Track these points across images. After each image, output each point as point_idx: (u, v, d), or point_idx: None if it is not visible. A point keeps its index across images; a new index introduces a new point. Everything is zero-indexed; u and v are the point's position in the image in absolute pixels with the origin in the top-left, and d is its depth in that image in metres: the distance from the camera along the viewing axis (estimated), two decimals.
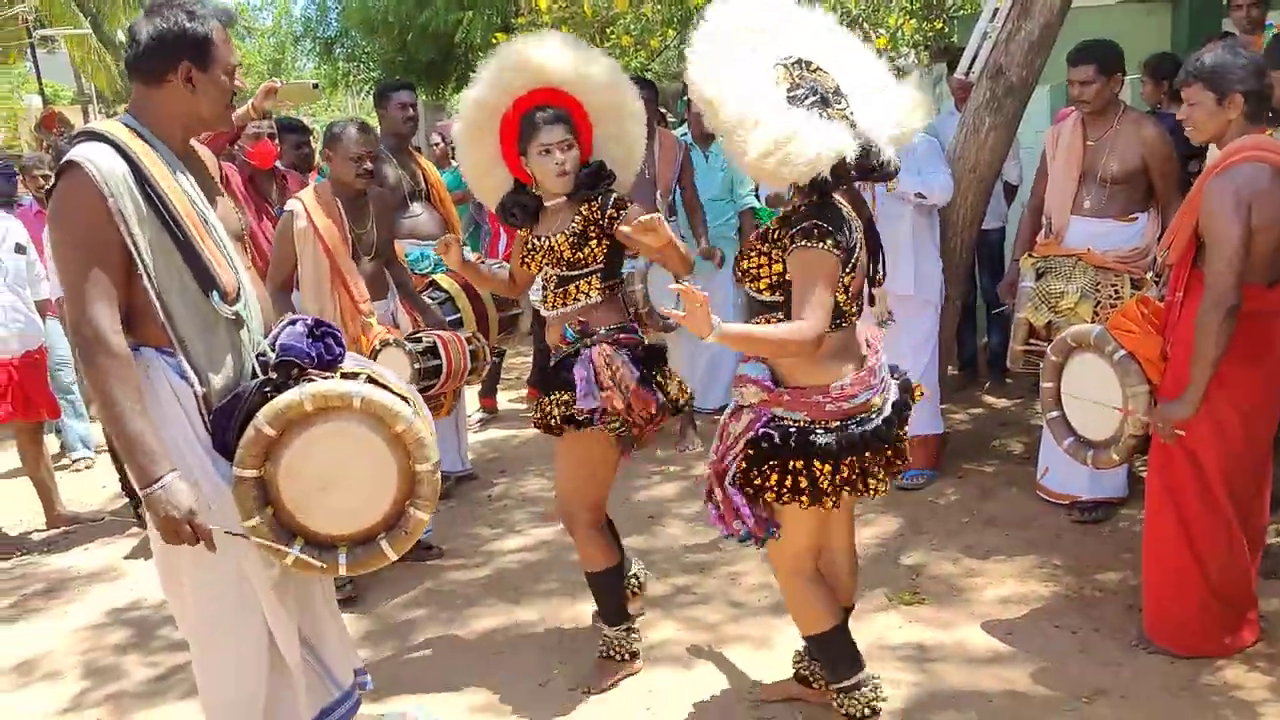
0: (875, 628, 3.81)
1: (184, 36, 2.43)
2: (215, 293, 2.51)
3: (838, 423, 2.78)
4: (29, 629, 4.42)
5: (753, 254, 2.85)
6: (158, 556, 2.63)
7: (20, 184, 6.68)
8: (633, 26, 8.63)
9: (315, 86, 4.64)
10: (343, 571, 2.52)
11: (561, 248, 3.35)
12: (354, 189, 4.39)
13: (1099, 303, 4.26)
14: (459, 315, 4.64)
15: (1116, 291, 4.24)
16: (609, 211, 3.31)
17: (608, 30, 9.14)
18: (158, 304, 2.42)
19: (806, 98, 2.64)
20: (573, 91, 3.37)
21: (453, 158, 9.88)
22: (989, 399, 6.45)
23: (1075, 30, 5.36)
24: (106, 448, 5.76)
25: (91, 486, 6.33)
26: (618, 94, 3.42)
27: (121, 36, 30.37)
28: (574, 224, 3.34)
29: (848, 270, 2.76)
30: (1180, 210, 3.37)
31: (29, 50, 24.83)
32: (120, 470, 5.58)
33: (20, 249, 5.38)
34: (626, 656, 3.61)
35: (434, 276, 4.68)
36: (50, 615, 4.56)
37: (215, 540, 2.43)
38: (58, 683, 3.95)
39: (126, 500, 5.66)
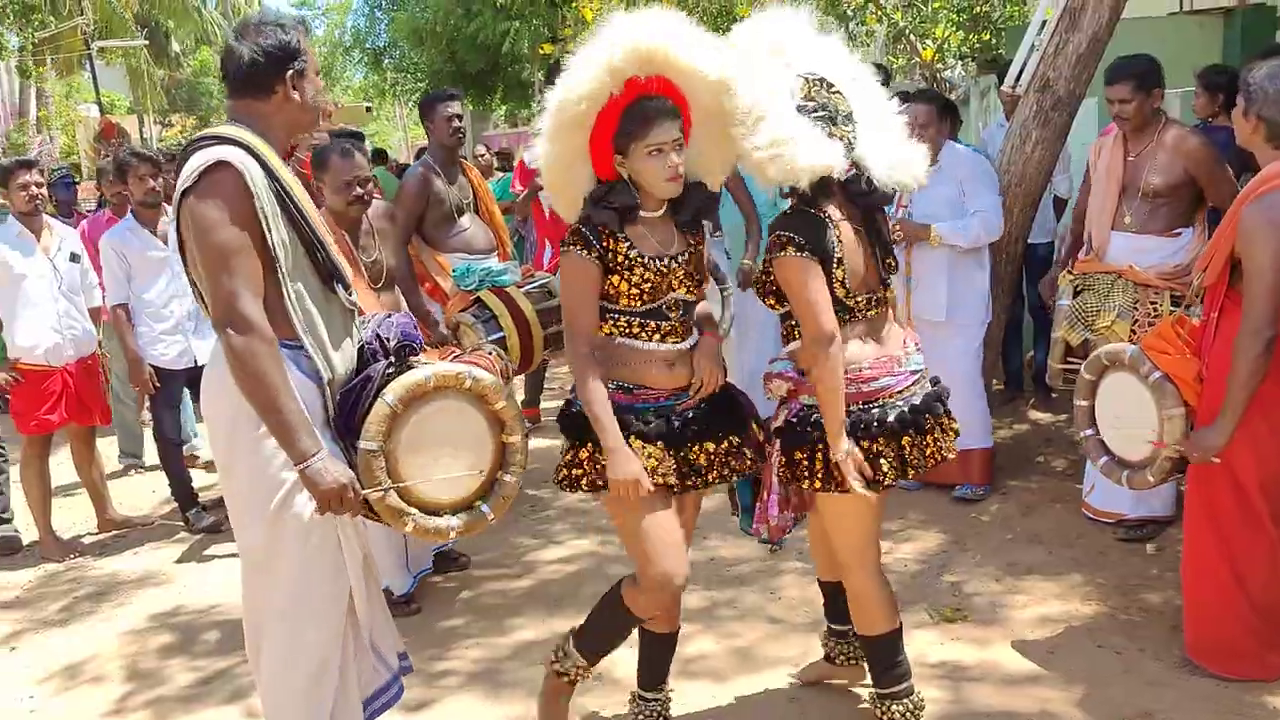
0: (915, 644, 3.77)
1: (284, 49, 2.64)
2: (340, 285, 2.74)
3: (858, 405, 2.86)
4: (78, 632, 4.49)
5: (761, 268, 2.99)
6: (252, 540, 2.70)
7: (96, 189, 6.79)
8: None
9: (368, 109, 4.71)
10: (453, 536, 2.75)
11: (693, 269, 2.97)
12: (349, 217, 4.30)
13: (1136, 321, 4.21)
14: (503, 334, 4.62)
15: (1155, 309, 4.18)
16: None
17: None
18: (291, 299, 2.60)
19: (816, 111, 2.76)
20: (684, 86, 2.83)
21: (497, 169, 9.95)
22: (1034, 414, 6.38)
23: (1124, 43, 5.30)
24: (158, 455, 5.85)
25: (142, 491, 6.44)
26: (728, 99, 2.80)
27: (176, 48, 30.96)
28: (690, 243, 2.99)
29: (838, 266, 2.84)
30: (1216, 233, 3.33)
31: (87, 61, 25.32)
32: (170, 476, 5.66)
33: (75, 257, 5.49)
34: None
35: (479, 294, 4.66)
36: (98, 618, 4.63)
37: (320, 519, 2.61)
38: (103, 685, 4.01)
39: (176, 506, 5.74)
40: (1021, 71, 5.40)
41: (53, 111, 27.02)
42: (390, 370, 2.72)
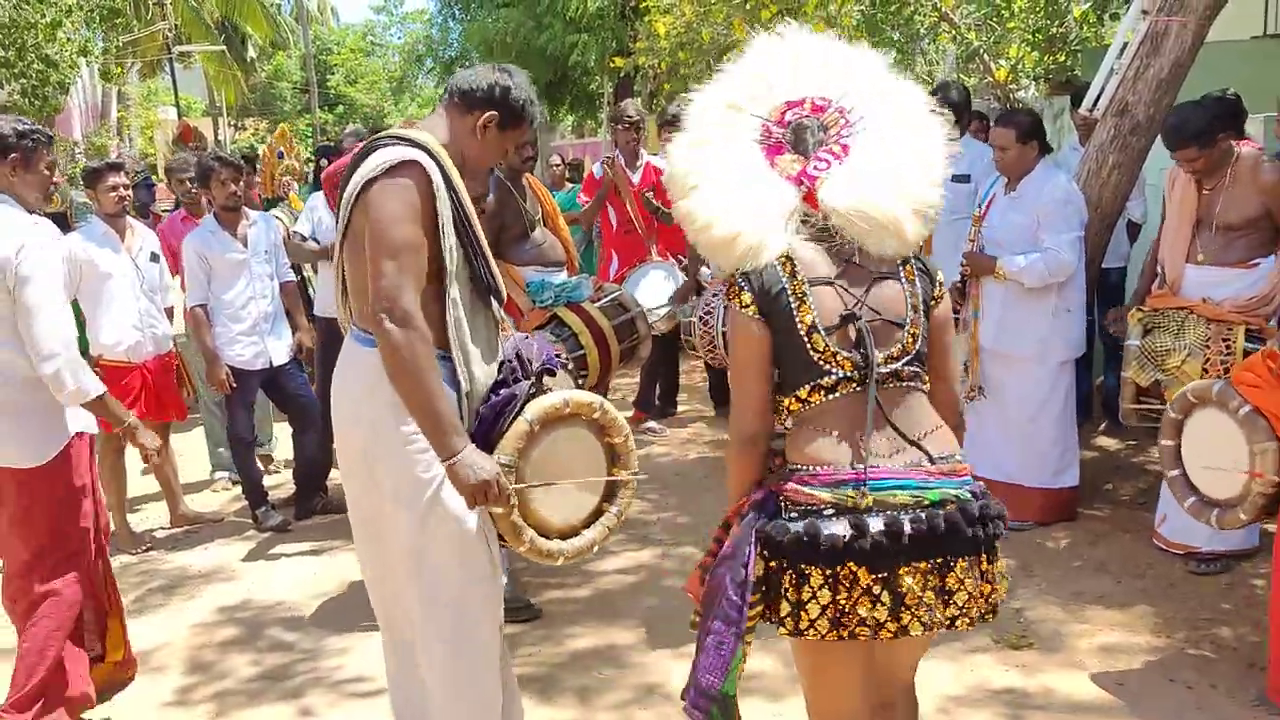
0: (979, 671, 3.74)
1: (508, 97, 2.80)
2: (494, 297, 2.85)
3: (799, 509, 2.22)
4: (149, 622, 4.58)
5: None
6: (403, 539, 2.77)
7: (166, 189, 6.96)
8: None
9: None
10: (561, 561, 2.82)
11: None
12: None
13: (1208, 360, 4.12)
14: (583, 351, 4.64)
15: (1228, 346, 4.09)
16: None
17: (725, 57, 9.18)
18: (450, 305, 2.69)
19: (778, 138, 2.41)
20: None
21: (569, 179, 10.02)
22: (1103, 441, 6.28)
23: (1206, 67, 5.22)
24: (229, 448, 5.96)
25: (221, 494, 6.54)
26: None
27: (253, 53, 31.56)
28: None
29: (794, 316, 2.27)
30: None
31: (167, 65, 25.92)
32: (242, 474, 5.78)
33: (155, 257, 5.62)
34: None
35: (556, 310, 4.67)
36: (167, 611, 4.73)
37: (465, 516, 2.72)
38: (167, 675, 4.10)
39: (246, 504, 5.84)
40: (1100, 95, 5.33)
41: (132, 114, 27.65)
42: (532, 391, 2.80)
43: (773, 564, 2.22)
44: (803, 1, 7.58)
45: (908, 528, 2.15)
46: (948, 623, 2.20)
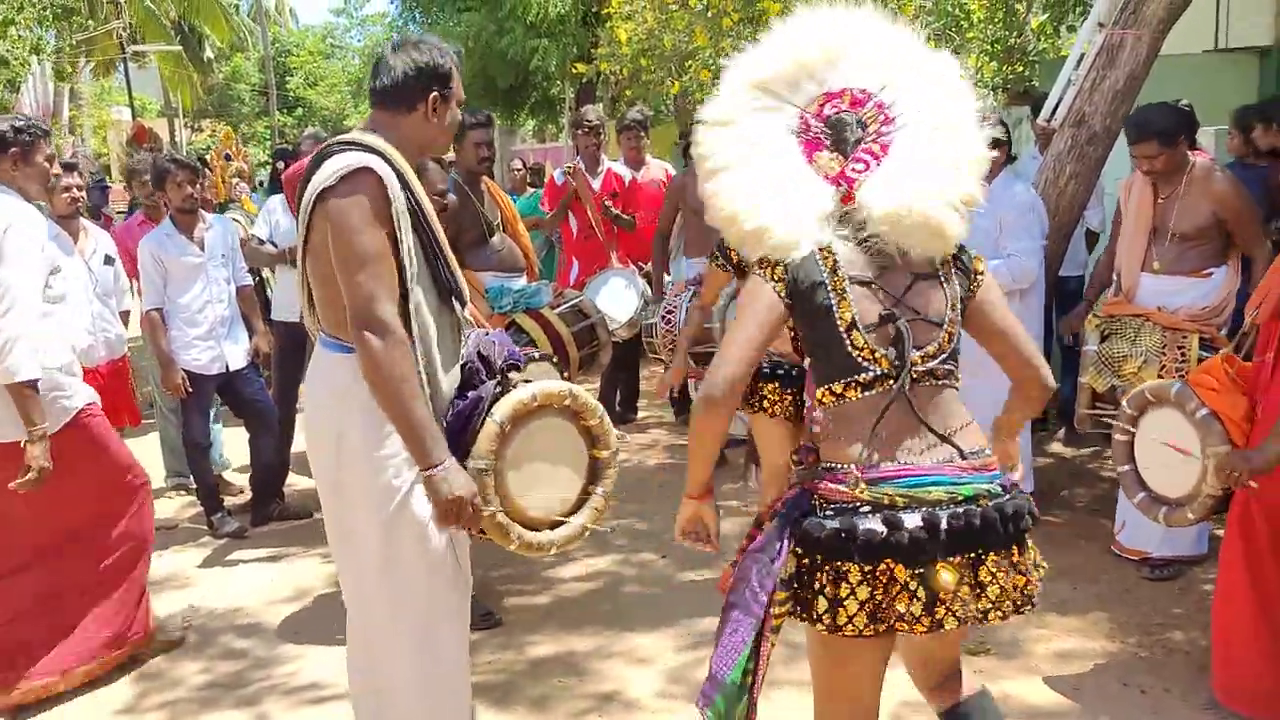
0: None
1: (436, 70, 2.73)
2: (455, 299, 2.81)
3: (834, 506, 2.21)
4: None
5: None
6: (369, 548, 2.74)
7: (125, 191, 6.86)
8: (711, 62, 8.66)
9: None
10: (553, 551, 2.85)
11: None
12: None
13: (1164, 366, 4.18)
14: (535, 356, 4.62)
15: (1184, 354, 4.15)
16: None
17: (686, 65, 9.20)
18: (412, 308, 2.65)
19: (820, 133, 2.37)
20: None
21: (530, 184, 9.99)
22: (1059, 448, 6.35)
23: (1160, 80, 5.30)
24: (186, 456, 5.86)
25: (177, 501, 6.45)
26: None
27: (210, 54, 31.27)
28: None
29: (834, 312, 2.25)
30: (1271, 270, 3.29)
31: (121, 64, 25.60)
32: (196, 479, 5.70)
33: (109, 260, 5.53)
34: None
35: (514, 316, 4.65)
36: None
37: (431, 524, 2.69)
38: (118, 683, 4.02)
39: (201, 510, 5.76)
40: (1057, 105, 5.40)
41: (85, 114, 27.29)
42: (498, 390, 2.78)
43: (805, 560, 2.21)
44: (764, 11, 7.60)
45: (944, 523, 2.15)
46: (980, 616, 2.19)
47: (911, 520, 2.14)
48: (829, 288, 2.24)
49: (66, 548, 3.92)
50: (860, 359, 2.24)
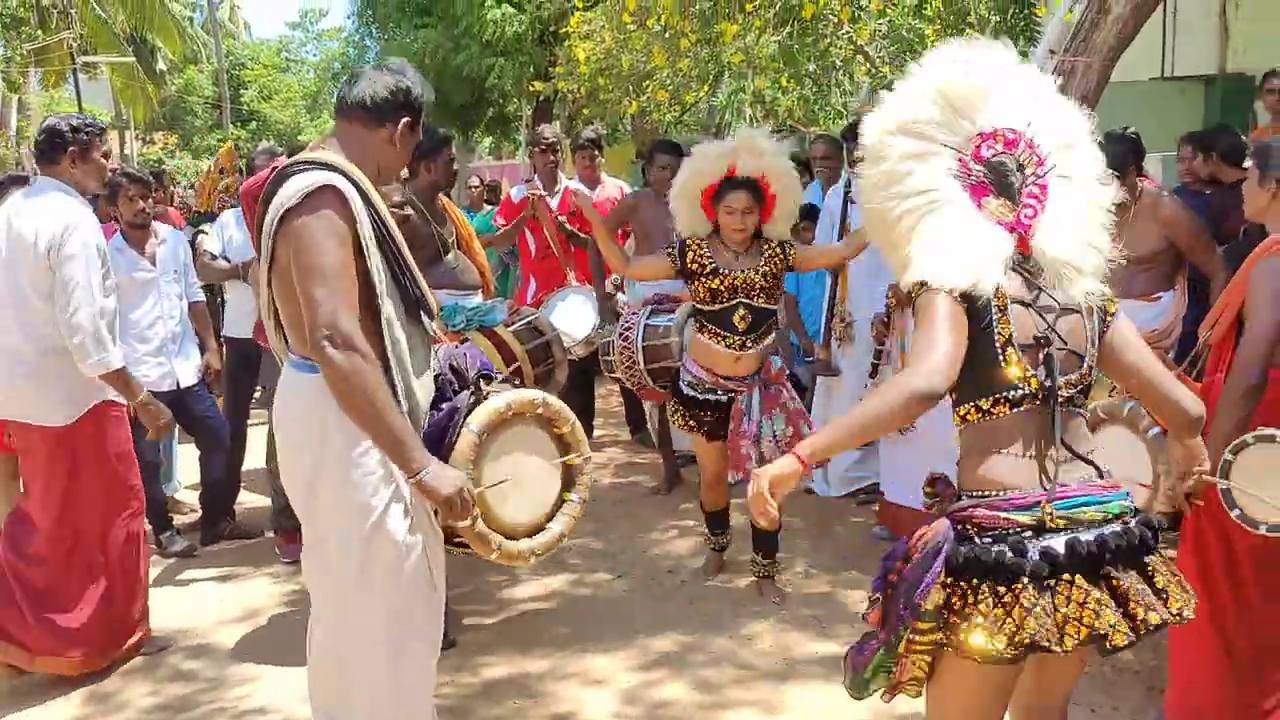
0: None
1: (413, 99, 2.80)
2: (425, 313, 2.82)
3: (994, 533, 2.23)
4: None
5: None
6: (346, 565, 2.73)
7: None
8: (668, 82, 8.72)
9: None
10: (532, 561, 2.88)
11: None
12: None
13: (1114, 385, 4.24)
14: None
15: None
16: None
17: (644, 84, 9.25)
18: (385, 322, 2.67)
19: (979, 176, 2.35)
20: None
21: (487, 200, 9.94)
22: None
23: (1109, 106, 5.39)
24: None
25: None
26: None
27: (163, 65, 30.92)
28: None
29: (993, 327, 2.29)
30: (1225, 291, 3.35)
31: (72, 75, 25.24)
32: (146, 497, 5.58)
33: None
34: None
35: (468, 334, 4.63)
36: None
37: (410, 536, 2.72)
38: (64, 705, 3.95)
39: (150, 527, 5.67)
40: None
41: (33, 125, 26.87)
42: (472, 400, 2.81)
43: (962, 584, 2.20)
44: (721, 32, 7.66)
45: (1111, 541, 2.20)
46: (1176, 616, 2.24)
47: (1085, 536, 2.20)
48: (993, 304, 2.27)
49: (76, 537, 4.08)
50: (1013, 376, 2.28)
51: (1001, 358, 2.28)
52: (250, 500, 6.05)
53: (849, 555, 5.14)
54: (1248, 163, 3.36)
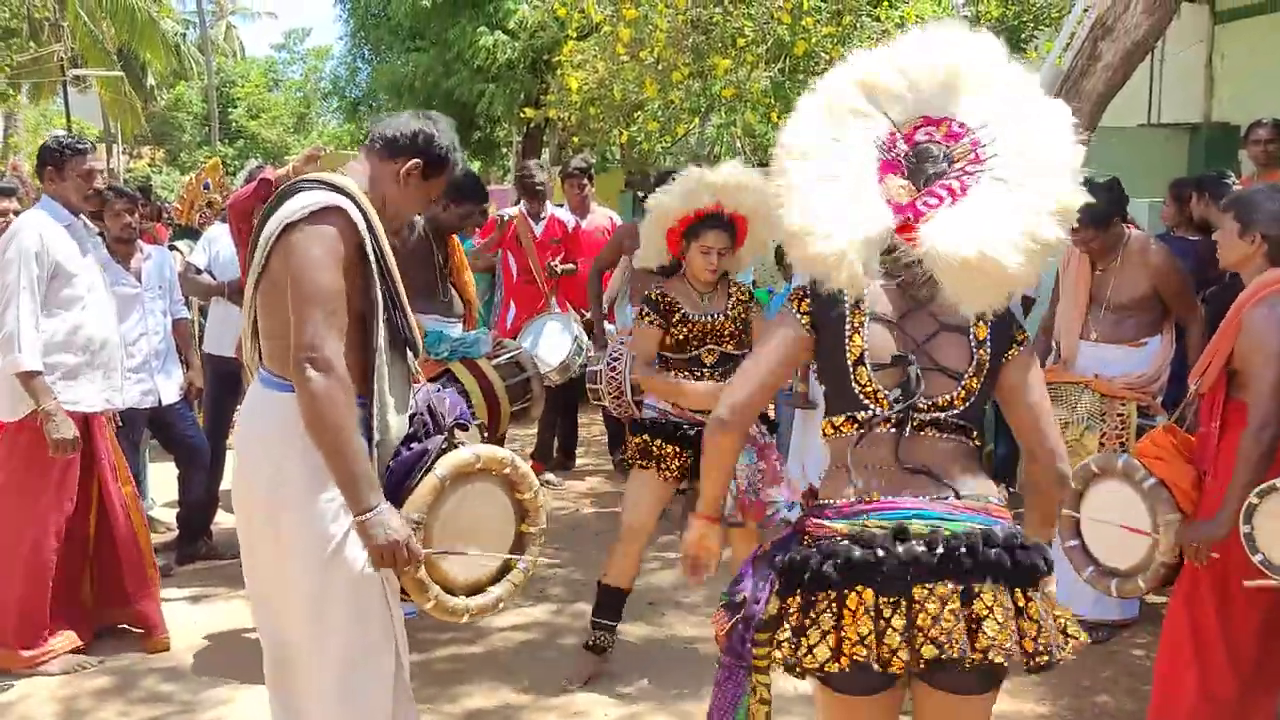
0: None
1: (431, 144, 2.80)
2: (410, 349, 2.81)
3: (818, 543, 2.15)
4: (11, 673, 4.34)
5: None
6: (304, 591, 2.68)
7: None
8: (660, 113, 8.76)
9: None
10: (466, 619, 2.79)
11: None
12: None
13: (1104, 434, 4.26)
14: (472, 409, 4.55)
15: (1123, 422, 4.24)
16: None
17: (634, 115, 9.29)
18: (374, 356, 2.64)
19: (898, 154, 2.24)
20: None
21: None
22: None
23: (1099, 150, 5.43)
24: None
25: None
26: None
27: (153, 81, 30.92)
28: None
29: (845, 344, 2.22)
30: (1214, 338, 3.35)
31: (61, 88, 25.22)
32: None
33: None
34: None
35: (450, 365, 4.59)
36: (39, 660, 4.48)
37: (368, 571, 2.65)
38: None
39: None
40: None
41: (22, 137, 26.81)
42: (444, 445, 2.76)
43: (788, 600, 2.13)
44: (713, 66, 7.71)
45: (919, 547, 2.05)
46: (981, 656, 2.01)
47: (888, 545, 2.07)
48: (847, 320, 2.20)
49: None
50: (861, 396, 2.20)
51: (851, 376, 2.21)
52: (228, 520, 5.97)
53: None
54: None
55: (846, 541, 2.09)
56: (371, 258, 2.63)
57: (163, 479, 6.28)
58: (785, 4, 7.53)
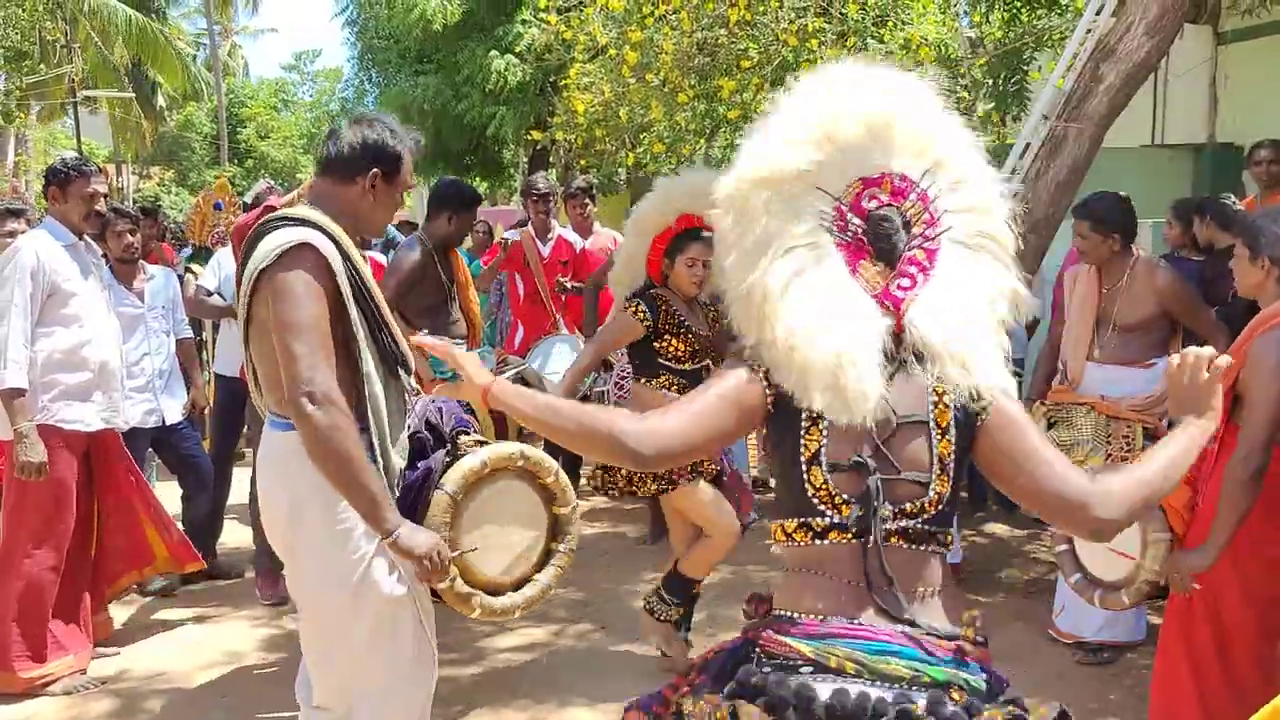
0: None
1: (382, 149, 2.77)
2: (402, 370, 2.80)
3: (775, 661, 1.85)
4: (16, 695, 4.34)
5: None
6: (335, 619, 2.72)
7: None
8: (666, 135, 8.78)
9: None
10: (518, 614, 2.84)
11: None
12: None
13: (1109, 455, 4.25)
14: (478, 427, 4.57)
15: (1129, 443, 4.22)
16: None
17: (641, 136, 9.31)
18: (365, 377, 2.66)
19: (855, 231, 1.94)
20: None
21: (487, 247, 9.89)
22: (995, 527, 6.40)
23: (1103, 170, 5.45)
24: None
25: None
26: None
27: (162, 101, 31.11)
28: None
29: (800, 438, 1.89)
30: None
31: (71, 108, 25.37)
32: None
33: None
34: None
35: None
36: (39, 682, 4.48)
37: (399, 586, 2.69)
38: None
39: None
40: None
41: (31, 156, 26.97)
42: (448, 459, 2.77)
43: (737, 705, 1.82)
44: (719, 88, 7.74)
45: (922, 703, 1.75)
46: None
47: (875, 693, 1.75)
48: (803, 414, 1.88)
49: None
50: (816, 500, 1.89)
51: (805, 476, 1.89)
52: (232, 540, 5.99)
53: None
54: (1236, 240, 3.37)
55: (812, 670, 1.79)
56: (347, 286, 2.64)
57: (167, 499, 6.28)
58: (790, 26, 7.55)
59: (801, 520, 1.91)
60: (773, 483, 4.09)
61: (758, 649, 1.89)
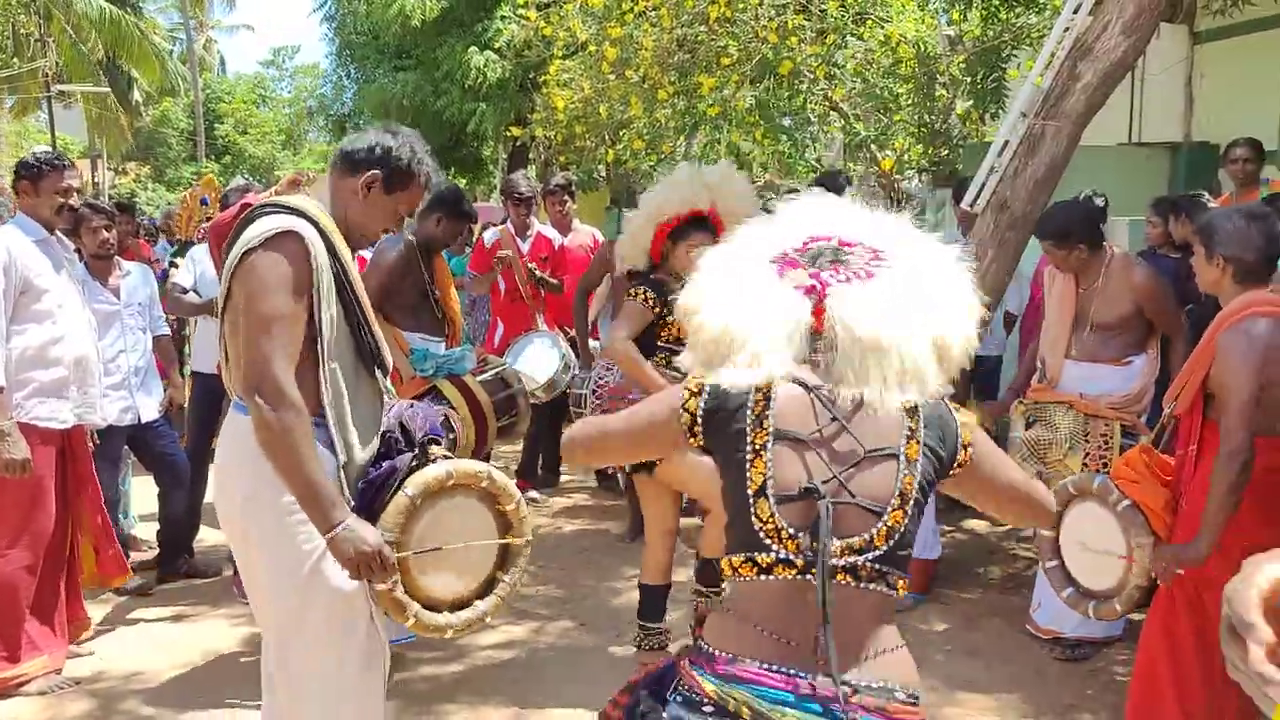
0: None
1: (390, 156, 2.78)
2: (379, 369, 2.79)
3: (683, 694, 1.81)
4: None
5: None
6: (285, 609, 2.71)
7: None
8: (645, 131, 8.78)
9: None
10: (450, 635, 2.76)
11: None
12: None
13: (1088, 454, 4.28)
14: (456, 427, 4.55)
15: (1107, 441, 4.25)
16: None
17: (620, 133, 9.31)
18: (325, 376, 2.63)
19: (793, 257, 1.98)
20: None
21: (467, 243, 9.90)
22: (975, 524, 6.43)
23: (1081, 167, 5.48)
24: None
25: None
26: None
27: (138, 96, 30.87)
28: None
29: (745, 468, 1.84)
30: (1189, 361, 3.38)
31: (45, 103, 25.16)
32: None
33: None
34: None
35: (436, 383, 4.59)
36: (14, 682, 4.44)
37: (346, 591, 2.66)
38: None
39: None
40: (980, 191, 5.55)
41: (4, 151, 26.72)
42: (414, 463, 2.74)
43: None
44: (698, 84, 7.74)
45: None
46: None
47: None
48: (748, 440, 1.83)
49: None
50: (762, 534, 1.81)
51: (751, 509, 1.82)
52: (210, 538, 5.95)
53: None
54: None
55: (712, 711, 1.75)
56: (327, 279, 2.63)
57: (143, 496, 6.24)
58: (770, 24, 7.57)
59: (747, 555, 1.83)
60: None
61: (679, 677, 1.85)
